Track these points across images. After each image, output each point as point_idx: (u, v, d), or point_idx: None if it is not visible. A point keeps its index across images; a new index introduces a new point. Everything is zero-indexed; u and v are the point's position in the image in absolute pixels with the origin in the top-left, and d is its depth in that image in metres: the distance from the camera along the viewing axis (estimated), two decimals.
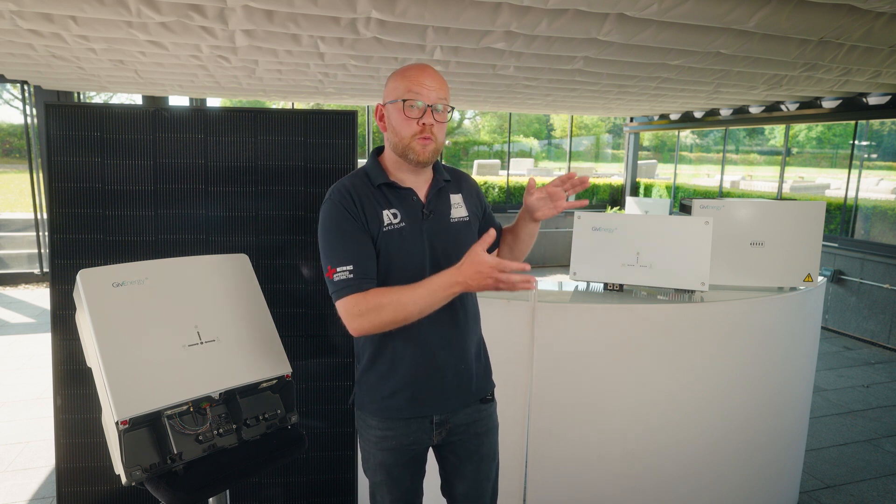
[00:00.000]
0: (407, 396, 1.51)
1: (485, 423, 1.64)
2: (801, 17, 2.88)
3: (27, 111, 7.32)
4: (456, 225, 1.55)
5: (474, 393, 1.60)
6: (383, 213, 1.46)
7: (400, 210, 1.47)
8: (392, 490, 1.58)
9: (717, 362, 2.32)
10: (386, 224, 1.45)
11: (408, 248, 1.46)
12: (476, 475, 1.63)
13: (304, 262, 2.35)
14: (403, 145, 1.44)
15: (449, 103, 1.48)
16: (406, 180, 1.51)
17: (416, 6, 2.87)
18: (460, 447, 1.61)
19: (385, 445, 1.55)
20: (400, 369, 1.50)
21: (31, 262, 7.57)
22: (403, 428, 1.54)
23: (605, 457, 2.27)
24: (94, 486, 2.29)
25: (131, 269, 1.62)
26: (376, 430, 1.55)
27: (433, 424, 1.56)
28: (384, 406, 1.53)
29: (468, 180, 1.67)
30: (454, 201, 1.57)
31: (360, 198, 1.45)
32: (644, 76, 4.71)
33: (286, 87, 5.92)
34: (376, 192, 1.48)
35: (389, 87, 1.47)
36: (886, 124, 6.80)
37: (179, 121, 2.22)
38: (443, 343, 1.52)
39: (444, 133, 1.52)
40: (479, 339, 1.65)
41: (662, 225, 2.31)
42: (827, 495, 2.99)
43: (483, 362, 1.66)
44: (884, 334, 5.69)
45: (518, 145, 15.16)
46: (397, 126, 1.45)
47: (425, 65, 1.47)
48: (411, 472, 1.59)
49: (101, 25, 3.32)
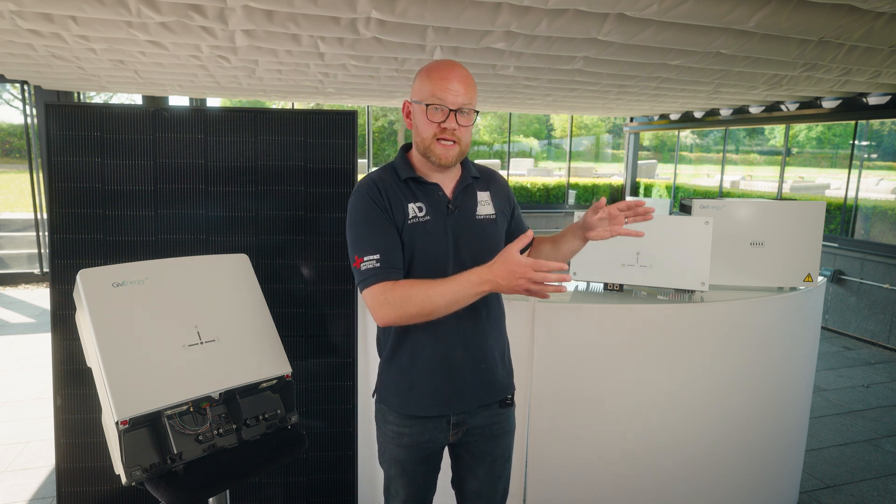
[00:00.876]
0: (426, 392, 1.51)
1: (502, 426, 1.63)
2: (801, 17, 2.88)
3: (27, 111, 7.32)
4: (481, 222, 1.54)
5: (494, 394, 1.59)
6: (409, 206, 1.47)
7: (425, 204, 1.48)
8: (406, 486, 1.60)
9: (717, 362, 2.32)
10: (411, 217, 1.46)
11: (431, 241, 1.47)
12: (489, 475, 1.63)
13: (304, 262, 2.35)
14: (425, 146, 1.45)
15: (474, 106, 1.46)
16: (432, 176, 1.51)
17: (416, 6, 2.87)
18: (475, 447, 1.61)
19: (401, 442, 1.56)
20: (419, 364, 1.51)
21: (31, 262, 7.57)
22: (420, 426, 1.54)
23: (604, 456, 2.27)
24: (94, 486, 2.30)
25: (131, 269, 1.62)
26: (394, 426, 1.56)
27: (450, 424, 1.56)
28: (404, 401, 1.53)
29: (498, 180, 1.65)
30: (481, 198, 1.56)
31: (386, 190, 1.46)
32: (644, 76, 4.71)
33: (286, 87, 5.92)
34: (402, 186, 1.49)
35: (416, 85, 1.46)
36: (886, 124, 6.80)
37: (179, 121, 2.22)
38: (464, 341, 1.51)
39: (470, 134, 1.51)
40: (503, 340, 1.64)
41: (662, 225, 2.31)
42: (827, 495, 2.99)
43: (506, 364, 1.64)
44: (884, 334, 5.69)
45: (518, 145, 15.16)
46: (421, 127, 1.45)
47: (453, 65, 1.44)
48: (425, 469, 1.60)
49: (101, 25, 3.31)
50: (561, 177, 11.03)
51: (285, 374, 1.74)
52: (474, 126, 1.50)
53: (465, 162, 1.57)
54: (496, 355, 1.59)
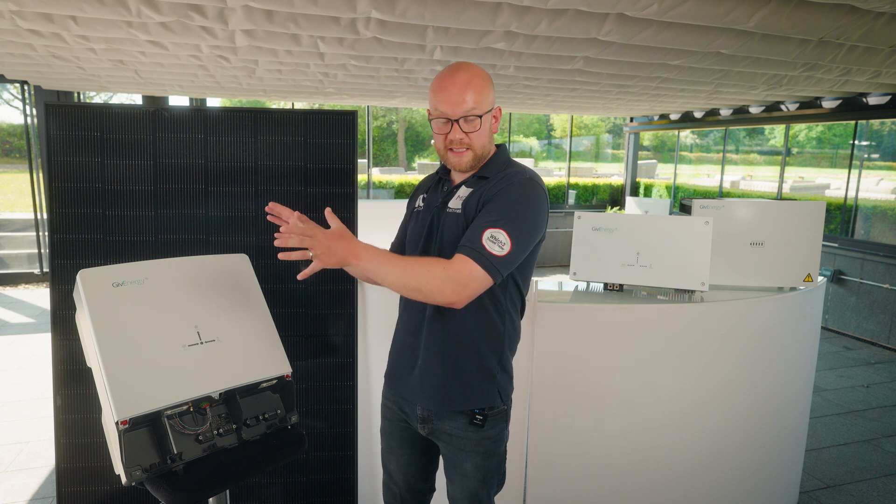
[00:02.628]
0: (390, 368, 1.69)
1: (473, 444, 1.54)
2: (801, 17, 2.88)
3: (27, 111, 7.32)
4: (448, 216, 1.55)
5: (441, 401, 1.53)
6: (419, 199, 1.67)
7: (429, 197, 1.64)
8: (390, 461, 1.72)
9: (717, 362, 2.32)
10: (415, 208, 1.67)
11: (413, 230, 1.64)
12: (462, 488, 1.59)
13: (304, 263, 2.34)
14: (441, 155, 1.55)
15: (481, 108, 1.44)
16: (457, 176, 1.62)
17: (416, 6, 2.87)
18: (447, 452, 1.60)
19: (386, 414, 1.72)
20: (393, 339, 1.70)
21: (31, 262, 7.57)
22: (397, 403, 1.67)
23: (604, 456, 2.27)
24: (94, 486, 2.29)
25: (131, 269, 1.62)
26: (385, 398, 1.73)
27: (417, 415, 1.60)
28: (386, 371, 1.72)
29: (499, 183, 1.49)
30: (460, 193, 1.56)
31: (421, 187, 1.71)
32: (644, 76, 4.71)
33: (286, 87, 5.92)
34: (434, 182, 1.66)
35: (429, 95, 1.51)
36: (886, 124, 6.80)
37: (179, 121, 2.22)
38: (412, 333, 1.60)
39: (484, 136, 1.49)
40: (480, 358, 1.52)
41: (662, 225, 2.31)
42: (827, 495, 2.99)
43: (468, 376, 1.52)
44: (884, 334, 5.69)
45: (518, 145, 15.16)
46: (434, 138, 1.55)
47: (454, 72, 1.43)
48: (407, 448, 1.68)
49: (101, 25, 3.32)
50: (561, 177, 11.02)
51: (285, 374, 1.73)
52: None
53: (490, 161, 1.54)
54: (452, 362, 1.51)
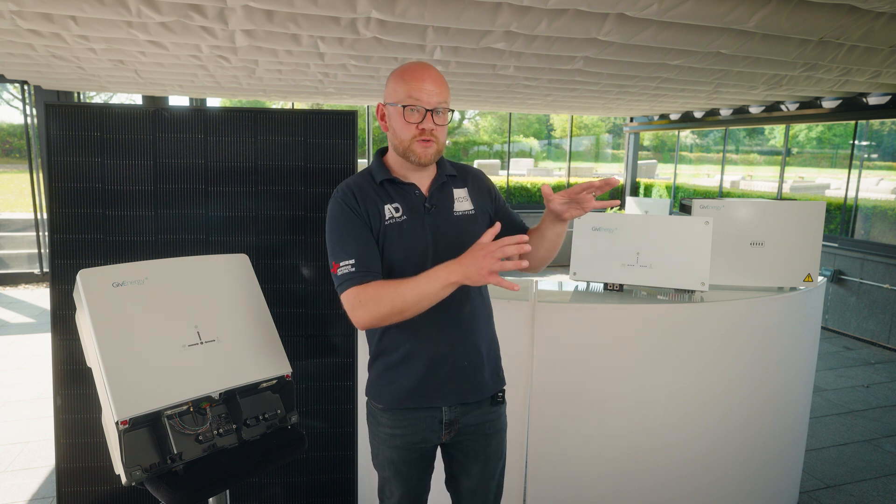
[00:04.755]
0: (408, 387, 1.52)
1: (494, 424, 1.63)
2: (801, 17, 2.88)
3: (27, 111, 7.32)
4: (459, 219, 1.54)
5: (482, 391, 1.59)
6: (385, 208, 1.48)
7: (402, 204, 1.49)
8: (400, 486, 1.60)
9: (717, 362, 2.32)
10: (388, 218, 1.47)
11: (409, 241, 1.47)
12: (482, 474, 1.64)
13: (304, 262, 2.35)
14: (404, 147, 1.46)
15: (448, 105, 1.48)
16: (409, 176, 1.52)
17: (416, 6, 2.87)
18: (468, 446, 1.61)
19: (394, 443, 1.56)
20: (403, 361, 1.52)
21: (31, 262, 7.56)
22: (412, 426, 1.55)
23: (604, 456, 2.27)
24: (94, 486, 2.30)
25: (131, 269, 1.62)
26: (386, 427, 1.57)
27: (442, 424, 1.55)
28: (393, 399, 1.54)
29: (476, 176, 1.64)
30: (458, 195, 1.56)
31: (362, 194, 1.48)
32: (644, 76, 4.71)
33: (286, 87, 5.92)
34: (378, 189, 1.50)
35: (390, 87, 1.47)
36: (886, 124, 6.80)
37: (179, 121, 2.22)
38: (447, 339, 1.51)
39: (446, 133, 1.53)
40: (489, 338, 1.63)
41: (662, 225, 2.31)
42: (827, 495, 2.99)
43: (493, 362, 1.64)
44: (884, 334, 5.68)
45: (518, 145, 15.16)
46: (398, 129, 1.46)
47: (425, 66, 1.46)
48: (419, 469, 1.61)
49: (101, 25, 3.31)
50: (561, 177, 11.03)
51: (285, 374, 1.73)
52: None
53: (440, 161, 1.58)
54: (482, 353, 1.58)
